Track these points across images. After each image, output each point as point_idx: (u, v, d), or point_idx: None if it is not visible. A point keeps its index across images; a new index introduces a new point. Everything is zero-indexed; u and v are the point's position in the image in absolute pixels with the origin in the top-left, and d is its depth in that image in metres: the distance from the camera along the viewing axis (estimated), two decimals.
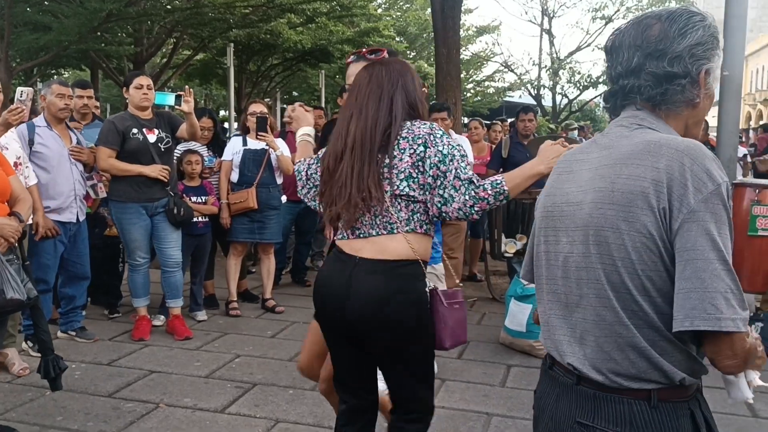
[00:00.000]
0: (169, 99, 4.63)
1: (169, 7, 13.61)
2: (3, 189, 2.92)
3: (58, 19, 12.32)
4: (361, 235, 2.14)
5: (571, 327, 1.41)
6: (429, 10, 24.36)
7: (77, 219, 4.46)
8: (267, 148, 5.30)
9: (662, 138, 1.33)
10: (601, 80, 23.31)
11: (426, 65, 23.44)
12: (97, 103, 6.10)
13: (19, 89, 3.69)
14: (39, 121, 4.43)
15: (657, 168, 1.28)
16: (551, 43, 26.11)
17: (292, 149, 5.81)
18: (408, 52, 24.42)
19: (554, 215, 1.46)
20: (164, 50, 17.30)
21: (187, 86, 4.37)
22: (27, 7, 12.17)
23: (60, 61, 16.04)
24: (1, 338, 3.18)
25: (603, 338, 1.35)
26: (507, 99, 26.90)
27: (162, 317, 5.05)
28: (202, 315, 5.25)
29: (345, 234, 2.18)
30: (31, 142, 4.28)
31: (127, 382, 3.90)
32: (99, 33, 12.98)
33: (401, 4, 26.44)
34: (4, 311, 2.92)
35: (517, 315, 4.53)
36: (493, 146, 7.08)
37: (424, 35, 25.11)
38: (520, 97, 27.25)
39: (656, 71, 1.37)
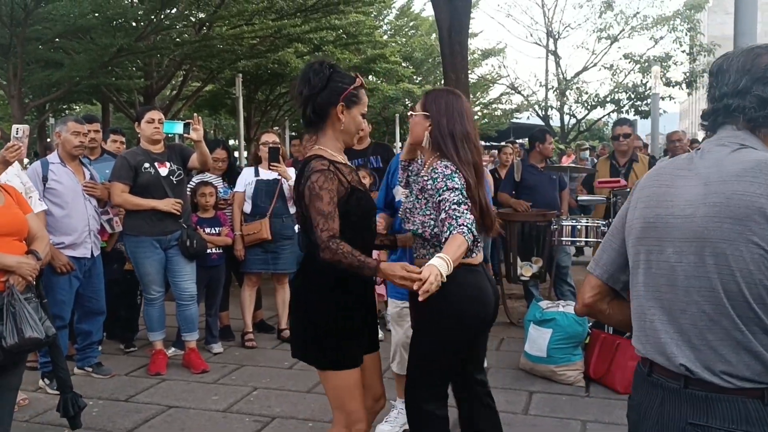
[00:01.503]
0: (178, 127, 4.63)
1: (178, 40, 13.77)
2: (20, 227, 2.92)
3: (69, 56, 12.50)
4: None
5: (679, 332, 1.51)
6: (434, 35, 24.62)
7: (92, 254, 4.46)
8: (279, 178, 5.29)
9: None
10: (608, 99, 23.32)
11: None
12: (123, 138, 6.05)
13: (14, 127, 3.71)
14: (53, 157, 4.45)
15: None
16: (557, 64, 26.15)
17: None
18: (414, 77, 24.60)
19: (658, 226, 1.57)
20: (174, 82, 17.49)
21: (195, 114, 4.37)
22: (39, 45, 12.37)
23: (71, 97, 16.25)
24: (19, 378, 3.15)
25: (717, 342, 1.45)
26: (514, 121, 26.95)
27: (174, 349, 5.02)
28: (218, 347, 5.21)
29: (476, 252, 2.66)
30: (45, 179, 4.30)
31: (145, 419, 3.86)
32: (110, 68, 13.13)
33: (406, 30, 26.69)
34: (23, 350, 2.90)
35: (537, 340, 4.47)
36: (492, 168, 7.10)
37: (430, 60, 25.29)
38: (528, 118, 27.30)
39: (762, 95, 1.51)
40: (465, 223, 2.38)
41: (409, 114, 2.88)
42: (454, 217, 2.40)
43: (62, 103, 17.98)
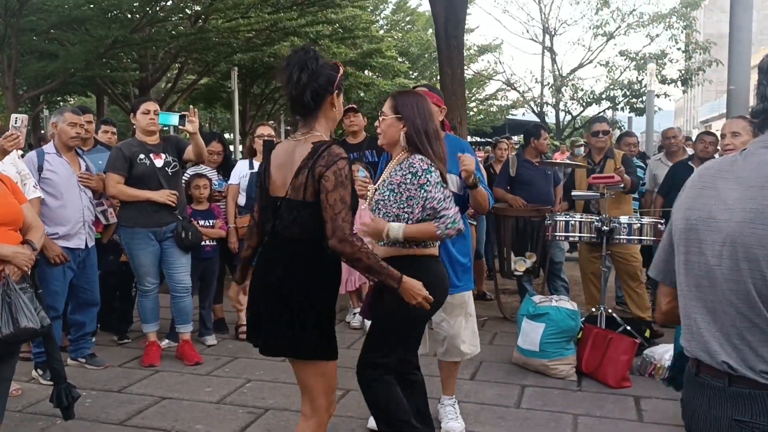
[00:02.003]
0: (173, 119, 4.61)
1: (173, 32, 13.73)
2: (16, 217, 2.92)
3: (64, 47, 12.46)
4: None
5: (720, 331, 1.54)
6: (431, 30, 24.60)
7: (86, 245, 4.46)
8: None
9: None
10: (603, 96, 23.34)
11: None
12: (114, 129, 6.08)
13: (13, 116, 3.71)
14: (48, 147, 4.45)
15: None
16: (553, 61, 26.10)
17: None
18: (410, 72, 24.57)
19: (699, 228, 1.59)
20: (169, 75, 17.44)
21: (191, 106, 4.36)
22: (33, 35, 12.31)
23: (66, 88, 16.17)
24: (12, 368, 3.16)
25: (756, 342, 1.49)
26: (510, 117, 26.95)
27: (167, 341, 5.02)
28: (211, 339, 5.22)
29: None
30: (40, 169, 4.30)
31: (138, 410, 3.86)
32: (105, 60, 13.09)
33: (403, 25, 26.65)
34: (19, 340, 2.90)
35: (530, 334, 4.49)
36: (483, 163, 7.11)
37: (426, 56, 25.27)
38: (524, 114, 27.30)
39: None
40: (445, 222, 2.78)
41: (381, 118, 2.97)
42: (441, 212, 2.79)
43: (57, 94, 17.90)
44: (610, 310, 4.94)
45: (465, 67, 10.60)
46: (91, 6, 11.42)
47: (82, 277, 4.50)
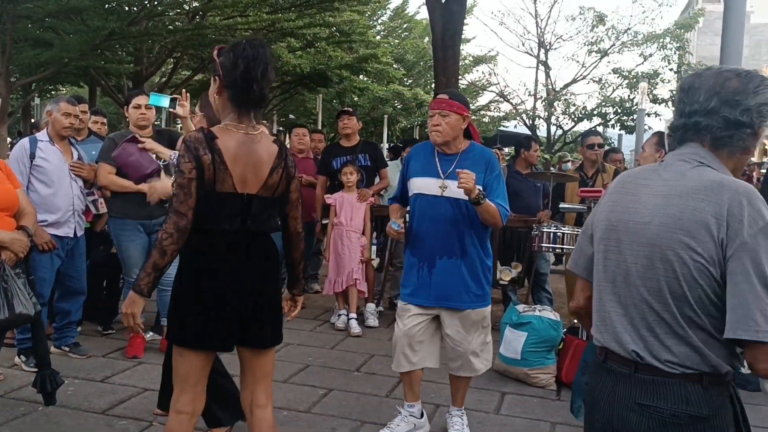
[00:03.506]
0: (164, 101, 4.51)
1: (170, 27, 13.73)
2: (12, 203, 2.93)
3: (59, 36, 12.41)
4: None
5: (631, 323, 1.70)
6: (427, 38, 24.68)
7: (75, 234, 4.46)
8: None
9: (724, 179, 1.62)
10: (595, 113, 23.51)
11: (423, 93, 23.64)
12: (104, 120, 6.13)
13: None
14: (42, 135, 4.45)
15: (720, 204, 1.57)
16: (547, 75, 26.26)
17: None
18: (405, 79, 24.67)
19: (619, 229, 1.75)
20: (164, 70, 17.42)
21: (183, 90, 4.36)
22: (29, 23, 12.26)
23: (59, 77, 16.11)
24: None
25: (663, 335, 1.64)
26: (501, 128, 27.07)
27: (152, 333, 5.03)
28: None
29: None
30: (32, 156, 4.30)
31: (121, 399, 3.87)
32: (100, 51, 13.05)
33: (400, 32, 26.74)
34: (13, 326, 2.92)
35: (512, 342, 4.54)
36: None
37: (422, 63, 25.35)
38: (516, 126, 27.44)
39: (729, 116, 1.65)
40: None
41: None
42: None
43: (49, 83, 17.82)
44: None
45: (459, 77, 10.68)
46: None
47: (70, 265, 4.51)
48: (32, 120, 15.04)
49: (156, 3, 12.65)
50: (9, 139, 13.66)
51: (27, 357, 4.29)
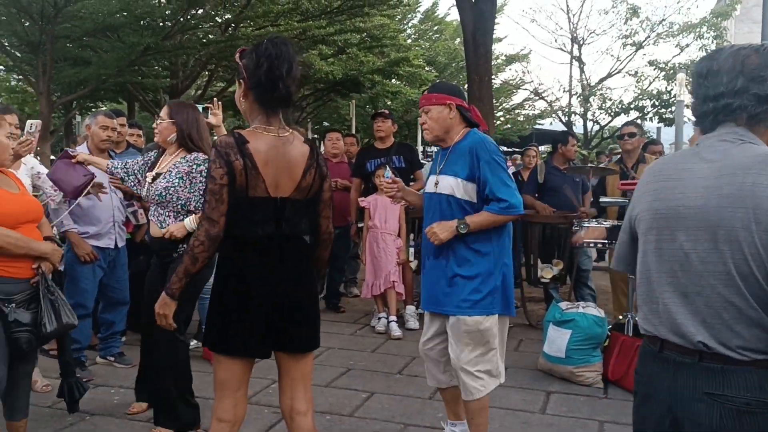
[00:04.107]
0: None
1: (204, 40, 13.93)
2: (39, 213, 2.97)
3: (97, 54, 12.69)
4: None
5: (694, 312, 1.64)
6: (459, 40, 24.59)
7: (116, 245, 4.53)
8: None
9: None
10: (632, 106, 23.11)
11: None
12: (140, 132, 6.23)
13: (28, 122, 3.79)
14: (82, 149, 4.53)
15: None
16: (581, 70, 25.96)
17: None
18: (438, 81, 24.57)
19: (669, 216, 1.71)
20: (199, 82, 17.67)
21: (215, 98, 4.37)
22: (68, 42, 12.56)
23: (98, 94, 16.47)
24: (33, 363, 3.25)
25: (732, 320, 1.59)
26: (537, 126, 26.81)
27: (195, 341, 5.07)
28: None
29: None
30: None
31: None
32: (136, 66, 13.30)
33: (431, 34, 26.69)
34: (59, 335, 2.98)
35: (556, 340, 4.45)
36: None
37: (453, 64, 25.25)
38: (551, 124, 27.15)
39: (759, 93, 1.65)
40: None
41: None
42: None
43: (89, 100, 18.22)
44: (637, 318, 4.87)
45: (493, 76, 10.60)
46: (125, 14, 11.62)
47: (112, 276, 4.57)
48: (75, 136, 15.41)
49: (189, 17, 12.83)
50: (52, 157, 14.01)
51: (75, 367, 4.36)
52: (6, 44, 12.33)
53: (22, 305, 2.80)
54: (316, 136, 21.81)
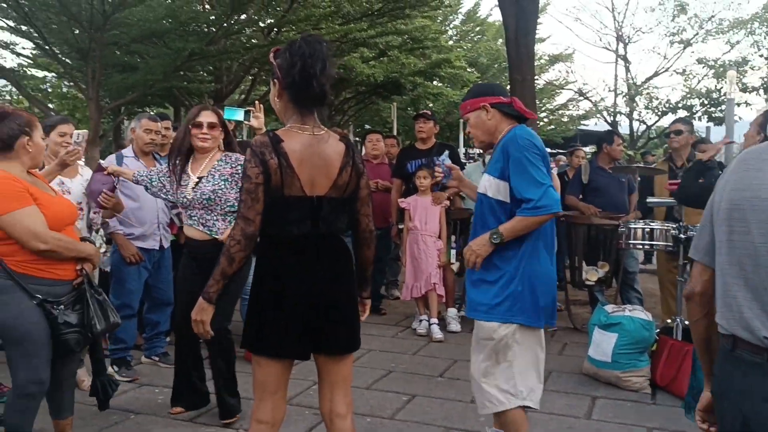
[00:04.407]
0: (239, 114, 4.59)
1: (247, 45, 14.08)
2: (72, 213, 3.03)
3: (144, 60, 12.95)
4: None
5: (762, 308, 1.57)
6: (501, 40, 24.36)
7: (161, 246, 4.59)
8: None
9: None
10: (680, 105, 22.59)
11: None
12: None
13: (75, 132, 3.86)
14: (127, 151, 4.62)
15: None
16: (627, 69, 25.51)
17: (369, 176, 5.85)
18: (480, 82, 24.42)
19: (744, 208, 1.63)
20: (242, 87, 17.89)
21: (257, 101, 4.40)
22: (116, 49, 12.85)
23: (145, 100, 16.80)
24: (77, 362, 3.32)
25: None
26: (581, 127, 26.41)
27: None
28: None
29: None
30: None
31: (208, 407, 3.93)
32: (182, 72, 13.53)
33: (472, 35, 26.54)
34: (106, 334, 3.06)
35: (602, 344, 4.35)
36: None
37: (496, 65, 25.06)
38: (596, 124, 26.71)
39: None
40: None
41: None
42: None
43: (137, 106, 18.63)
44: (687, 322, 4.74)
45: (536, 77, 10.46)
46: (170, 20, 11.83)
47: (157, 277, 4.64)
48: (122, 141, 15.76)
49: (233, 22, 12.99)
50: (101, 161, 14.36)
51: (120, 367, 4.44)
52: (58, 52, 12.65)
53: (68, 306, 2.86)
54: (357, 138, 21.89)
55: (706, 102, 21.60)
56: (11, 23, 12.35)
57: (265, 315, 2.36)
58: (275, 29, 14.27)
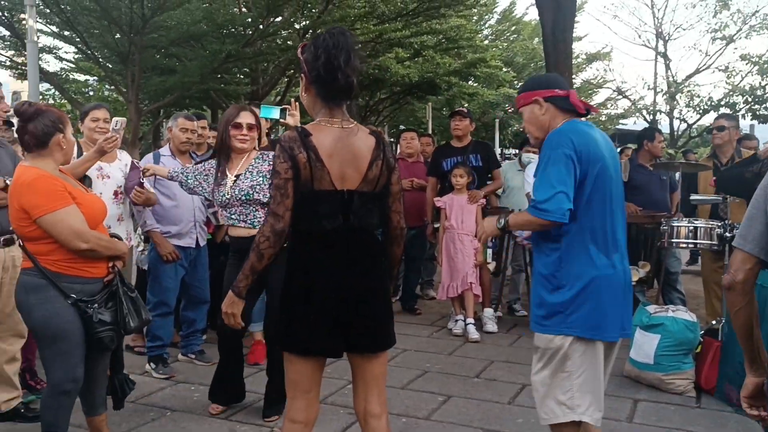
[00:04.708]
0: (275, 113, 4.57)
1: (283, 46, 14.18)
2: (102, 210, 3.03)
3: (181, 62, 13.14)
4: None
5: None
6: (537, 39, 24.11)
7: (197, 244, 4.61)
8: None
9: None
10: (722, 103, 22.06)
11: None
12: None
13: (114, 119, 3.87)
14: (164, 150, 4.66)
15: None
16: (667, 67, 25.03)
17: (402, 176, 5.79)
18: (515, 81, 24.21)
19: None
20: (278, 89, 18.02)
21: (292, 99, 4.38)
22: (155, 52, 13.06)
23: (183, 102, 17.06)
24: (109, 357, 3.37)
25: None
26: (619, 126, 25.99)
27: None
28: None
29: None
30: None
31: (243, 405, 3.93)
32: (218, 74, 13.69)
33: (508, 34, 26.34)
34: (139, 330, 3.08)
35: (644, 346, 4.23)
36: None
37: (532, 65, 24.83)
38: (635, 123, 26.26)
39: None
40: None
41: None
42: None
43: (175, 108, 18.92)
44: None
45: (573, 75, 10.31)
46: (207, 22, 11.98)
47: (194, 275, 4.66)
48: (161, 142, 16.00)
49: (268, 24, 13.10)
50: (134, 160, 14.59)
51: (157, 364, 4.47)
52: (99, 56, 12.91)
53: (102, 305, 2.87)
54: (392, 139, 21.89)
55: (750, 99, 21.04)
56: (55, 28, 12.66)
57: (294, 310, 2.33)
58: (310, 31, 14.33)
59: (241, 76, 16.07)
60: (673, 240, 4.75)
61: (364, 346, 2.41)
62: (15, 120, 3.00)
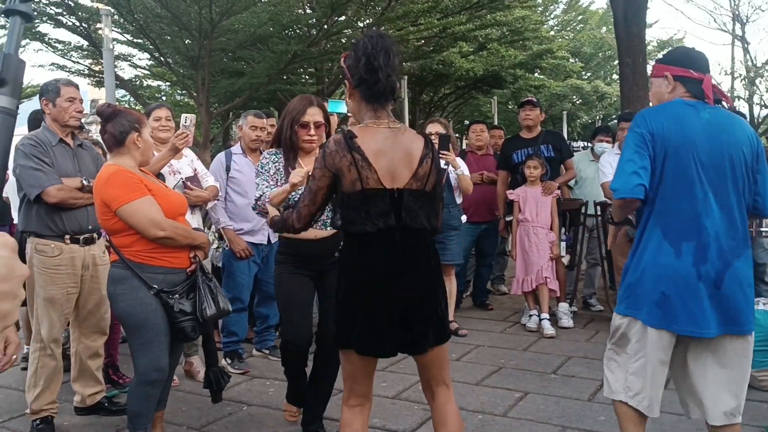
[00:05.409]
0: (342, 107, 4.60)
1: (347, 45, 14.24)
2: (182, 204, 3.12)
3: (249, 65, 13.38)
4: None
5: None
6: (605, 28, 23.45)
7: (269, 241, 4.65)
8: (446, 167, 5.21)
9: None
10: None
11: (603, 84, 22.46)
12: None
13: (183, 116, 3.93)
14: (236, 149, 4.72)
15: None
16: (745, 51, 23.91)
17: (472, 169, 5.70)
18: (583, 72, 23.65)
19: None
20: (343, 87, 18.15)
21: None
22: (223, 55, 13.35)
23: (252, 104, 17.39)
24: (182, 347, 3.42)
25: None
26: None
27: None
28: None
29: None
30: (228, 169, 4.57)
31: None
32: (285, 75, 13.87)
33: (574, 24, 25.72)
34: (217, 319, 3.14)
35: None
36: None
37: (600, 54, 24.20)
38: None
39: None
40: None
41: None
42: None
43: (244, 110, 19.29)
44: None
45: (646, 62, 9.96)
46: (273, 24, 12.14)
47: (266, 271, 4.70)
48: (230, 143, 16.36)
49: (332, 23, 13.19)
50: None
51: (233, 359, 4.53)
52: (170, 62, 13.29)
53: (183, 295, 2.93)
54: (457, 135, 21.72)
55: None
56: (129, 36, 13.09)
57: (349, 312, 2.36)
58: (374, 28, 14.36)
59: (307, 77, 16.25)
60: (762, 229, 4.49)
61: (420, 347, 2.41)
62: (87, 123, 3.14)
